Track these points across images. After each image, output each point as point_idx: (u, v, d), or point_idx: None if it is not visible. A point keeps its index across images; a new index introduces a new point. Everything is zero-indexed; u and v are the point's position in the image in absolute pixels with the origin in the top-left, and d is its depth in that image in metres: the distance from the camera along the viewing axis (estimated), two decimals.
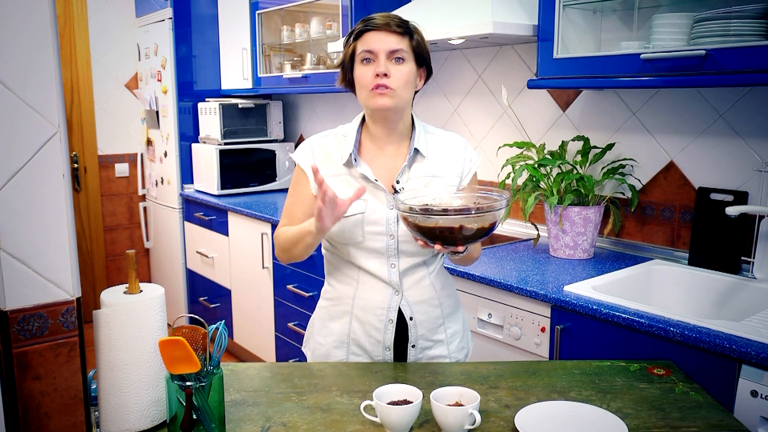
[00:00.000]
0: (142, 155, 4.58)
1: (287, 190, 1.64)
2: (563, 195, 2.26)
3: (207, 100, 4.02)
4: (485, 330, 2.14)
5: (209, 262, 3.90)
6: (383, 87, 1.45)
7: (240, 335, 3.77)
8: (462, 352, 1.65)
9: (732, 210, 1.91)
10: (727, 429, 1.20)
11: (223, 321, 1.18)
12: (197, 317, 1.21)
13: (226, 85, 4.11)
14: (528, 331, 2.00)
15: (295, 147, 4.09)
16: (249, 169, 3.95)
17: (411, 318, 1.55)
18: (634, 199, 2.28)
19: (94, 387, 1.19)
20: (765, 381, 1.47)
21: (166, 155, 4.19)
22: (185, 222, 4.13)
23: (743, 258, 2.06)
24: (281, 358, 3.41)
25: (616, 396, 1.33)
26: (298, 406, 1.29)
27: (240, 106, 3.92)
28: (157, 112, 4.22)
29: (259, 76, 3.80)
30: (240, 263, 3.62)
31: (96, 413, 1.18)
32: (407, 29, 1.48)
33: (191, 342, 1.10)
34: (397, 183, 1.52)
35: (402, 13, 1.52)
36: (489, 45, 2.78)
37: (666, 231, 2.32)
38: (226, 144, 3.88)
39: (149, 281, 4.65)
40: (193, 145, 4.09)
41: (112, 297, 1.16)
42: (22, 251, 0.92)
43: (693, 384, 1.40)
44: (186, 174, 4.13)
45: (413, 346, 1.57)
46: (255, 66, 3.81)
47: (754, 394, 1.48)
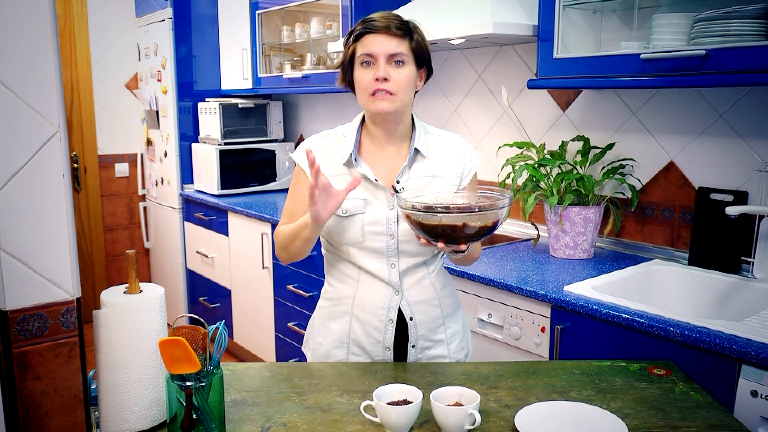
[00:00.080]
0: (142, 155, 4.58)
1: (287, 190, 1.64)
2: (563, 195, 2.26)
3: (207, 100, 4.02)
4: (485, 330, 2.14)
5: (209, 262, 3.90)
6: (383, 91, 1.45)
7: (240, 335, 3.77)
8: (462, 352, 1.65)
9: (732, 210, 1.91)
10: (727, 429, 1.20)
11: (223, 321, 1.18)
12: (197, 317, 1.21)
13: (226, 85, 4.11)
14: (528, 331, 2.00)
15: (295, 147, 4.09)
16: (249, 169, 3.95)
17: (411, 318, 1.55)
18: (634, 199, 2.28)
19: (94, 387, 1.19)
20: (765, 381, 1.47)
21: (166, 155, 4.19)
22: (185, 222, 4.13)
23: (743, 258, 2.06)
24: (281, 358, 3.41)
25: (616, 396, 1.33)
26: (298, 406, 1.29)
27: (240, 106, 3.92)
28: (157, 112, 4.22)
29: (259, 76, 3.79)
30: (240, 263, 3.62)
31: (96, 413, 1.18)
32: (407, 30, 1.47)
33: (191, 342, 1.10)
34: (397, 183, 1.52)
35: (402, 14, 1.51)
36: (489, 45, 2.78)
37: (666, 231, 2.32)
38: (226, 144, 3.88)
39: (149, 281, 4.64)
40: (193, 145, 4.09)
41: (112, 297, 1.16)
42: (22, 251, 0.92)
43: (693, 384, 1.40)
44: (186, 174, 4.13)
45: (413, 346, 1.57)
46: (255, 66, 3.81)
47: (754, 394, 1.48)
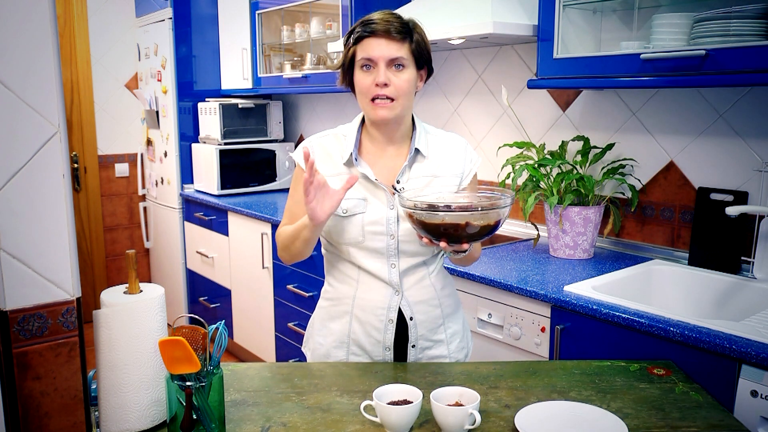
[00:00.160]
0: (142, 155, 4.58)
1: (287, 190, 1.64)
2: (563, 195, 2.26)
3: (207, 100, 4.02)
4: (485, 330, 2.14)
5: (209, 262, 3.90)
6: (383, 97, 1.45)
7: (240, 335, 3.77)
8: (462, 352, 1.65)
9: (732, 210, 1.91)
10: (727, 429, 1.20)
11: (223, 321, 1.18)
12: (197, 317, 1.21)
13: (226, 85, 4.11)
14: (528, 331, 2.00)
15: (295, 147, 4.09)
16: (249, 169, 3.95)
17: (411, 318, 1.55)
18: (634, 199, 2.28)
19: (94, 387, 1.19)
20: (765, 381, 1.47)
21: (166, 155, 4.19)
22: (185, 222, 4.13)
23: (743, 258, 2.06)
24: (281, 358, 3.41)
25: (616, 396, 1.33)
26: (298, 406, 1.29)
27: (240, 106, 3.92)
28: (157, 112, 4.22)
29: (259, 76, 3.79)
30: (240, 263, 3.62)
31: (96, 413, 1.18)
32: (407, 32, 1.46)
33: (191, 342, 1.10)
34: (398, 183, 1.52)
35: (402, 14, 1.51)
36: (489, 45, 2.78)
37: (666, 231, 2.32)
38: (226, 144, 3.88)
39: (149, 281, 4.64)
40: (193, 145, 4.09)
41: (112, 297, 1.16)
42: (22, 251, 0.92)
43: (693, 384, 1.40)
44: (186, 174, 4.12)
45: (413, 346, 1.57)
46: (255, 66, 3.81)
47: (754, 394, 1.48)
